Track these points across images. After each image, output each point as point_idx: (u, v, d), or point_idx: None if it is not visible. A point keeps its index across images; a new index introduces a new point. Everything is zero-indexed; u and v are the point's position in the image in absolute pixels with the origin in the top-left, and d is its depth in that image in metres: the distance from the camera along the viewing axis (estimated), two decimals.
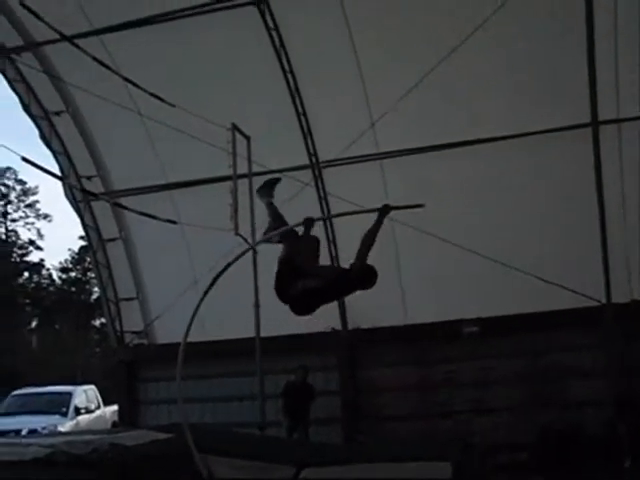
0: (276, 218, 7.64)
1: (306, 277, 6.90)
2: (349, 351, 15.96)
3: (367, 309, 15.37)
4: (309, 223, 7.15)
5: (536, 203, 14.33)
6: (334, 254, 15.45)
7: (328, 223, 15.31)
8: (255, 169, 13.41)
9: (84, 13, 14.29)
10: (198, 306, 7.31)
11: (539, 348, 14.62)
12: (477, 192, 14.58)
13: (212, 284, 7.23)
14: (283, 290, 7.05)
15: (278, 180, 8.03)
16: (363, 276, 6.83)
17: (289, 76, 14.36)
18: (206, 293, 7.31)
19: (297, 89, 14.54)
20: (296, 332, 15.07)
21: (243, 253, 7.79)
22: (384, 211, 7.03)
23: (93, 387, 20.61)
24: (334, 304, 15.77)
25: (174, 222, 13.77)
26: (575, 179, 14.04)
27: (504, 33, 12.95)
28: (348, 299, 15.75)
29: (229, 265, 7.38)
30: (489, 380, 14.82)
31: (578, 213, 14.17)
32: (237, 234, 12.36)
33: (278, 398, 14.28)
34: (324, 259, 15.58)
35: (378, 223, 6.93)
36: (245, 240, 12.22)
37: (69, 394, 18.72)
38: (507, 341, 14.69)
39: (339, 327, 16.00)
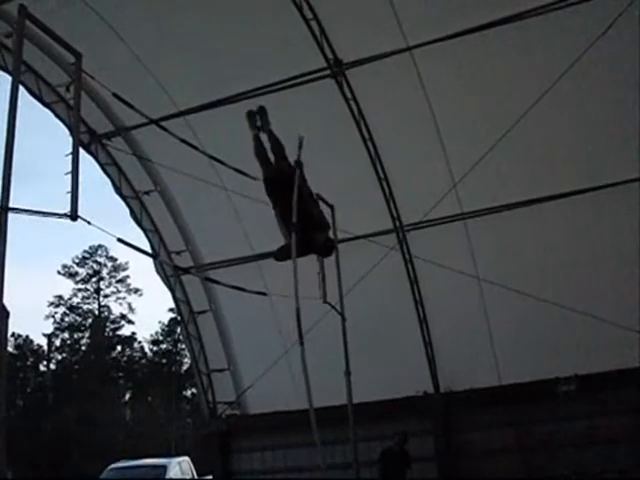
0: (258, 152, 8.24)
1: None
2: (443, 415, 15.68)
3: (459, 371, 15.16)
4: (299, 166, 7.86)
5: (630, 255, 13.92)
6: (422, 315, 15.45)
7: (415, 286, 15.33)
8: (340, 236, 13.52)
9: (169, 96, 14.96)
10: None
11: None
12: (566, 247, 14.37)
13: None
14: None
15: (257, 111, 8.41)
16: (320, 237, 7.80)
17: (369, 143, 14.61)
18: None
19: (377, 155, 14.76)
20: (388, 397, 14.96)
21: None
22: (299, 165, 7.84)
23: (187, 459, 20.67)
24: (425, 367, 15.64)
25: (263, 294, 13.90)
26: None
27: (578, 92, 12.95)
28: (438, 361, 15.63)
29: None
30: (591, 440, 14.22)
31: None
32: (325, 302, 12.39)
33: (373, 465, 14.07)
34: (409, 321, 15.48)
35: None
36: (333, 307, 12.25)
37: (164, 467, 18.78)
38: (607, 398, 14.12)
39: (431, 390, 15.80)
